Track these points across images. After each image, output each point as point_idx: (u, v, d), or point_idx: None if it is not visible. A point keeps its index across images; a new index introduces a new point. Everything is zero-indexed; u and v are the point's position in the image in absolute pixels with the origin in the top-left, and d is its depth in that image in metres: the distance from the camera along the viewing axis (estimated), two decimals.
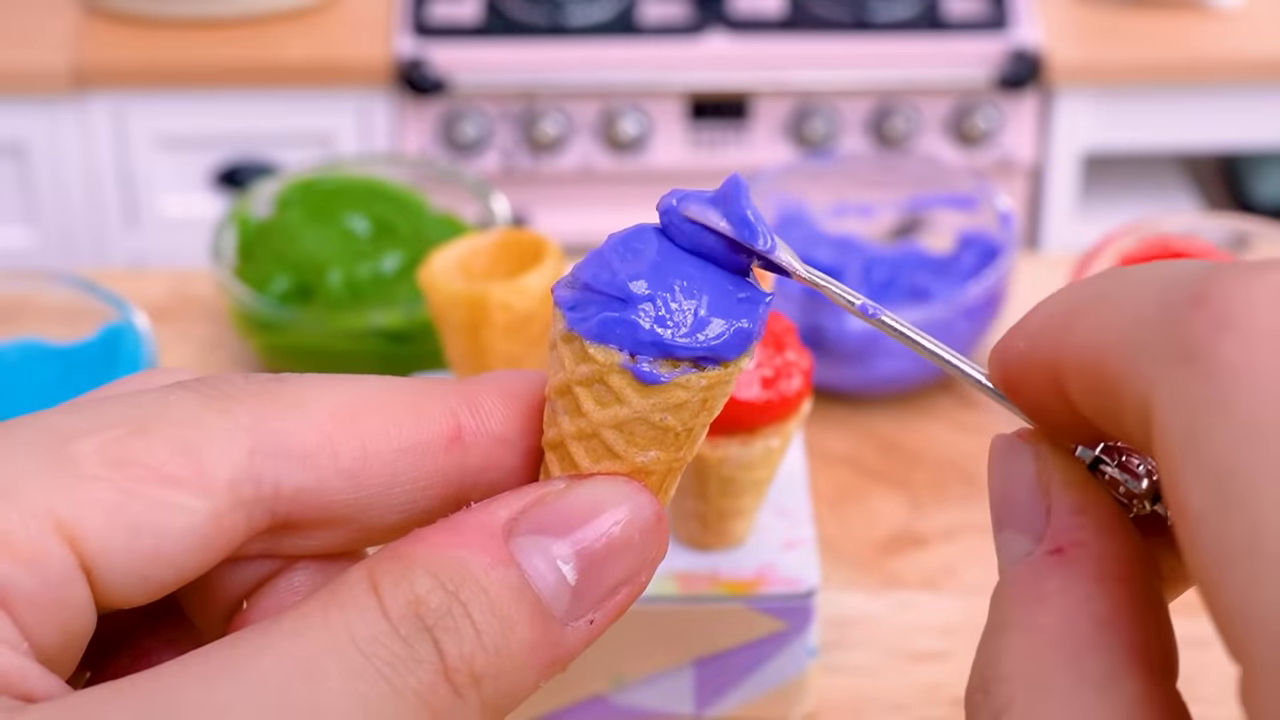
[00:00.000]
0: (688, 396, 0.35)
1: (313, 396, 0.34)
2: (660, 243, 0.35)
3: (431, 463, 0.35)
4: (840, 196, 1.05)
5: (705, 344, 0.34)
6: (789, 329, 0.67)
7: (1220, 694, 0.80)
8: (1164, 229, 0.98)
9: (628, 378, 0.34)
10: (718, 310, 0.34)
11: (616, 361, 0.34)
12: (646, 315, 0.34)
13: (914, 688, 0.80)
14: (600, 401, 0.35)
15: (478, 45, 1.76)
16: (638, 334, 0.34)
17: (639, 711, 0.73)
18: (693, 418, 0.35)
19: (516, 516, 0.33)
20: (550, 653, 0.33)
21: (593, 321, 0.34)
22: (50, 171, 1.76)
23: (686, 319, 0.34)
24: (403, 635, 0.31)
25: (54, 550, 0.31)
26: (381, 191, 1.04)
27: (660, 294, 0.34)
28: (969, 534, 0.89)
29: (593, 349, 0.34)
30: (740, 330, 0.34)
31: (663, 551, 0.35)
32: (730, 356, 0.35)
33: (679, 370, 0.34)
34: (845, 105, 1.78)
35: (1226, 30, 1.77)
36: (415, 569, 0.32)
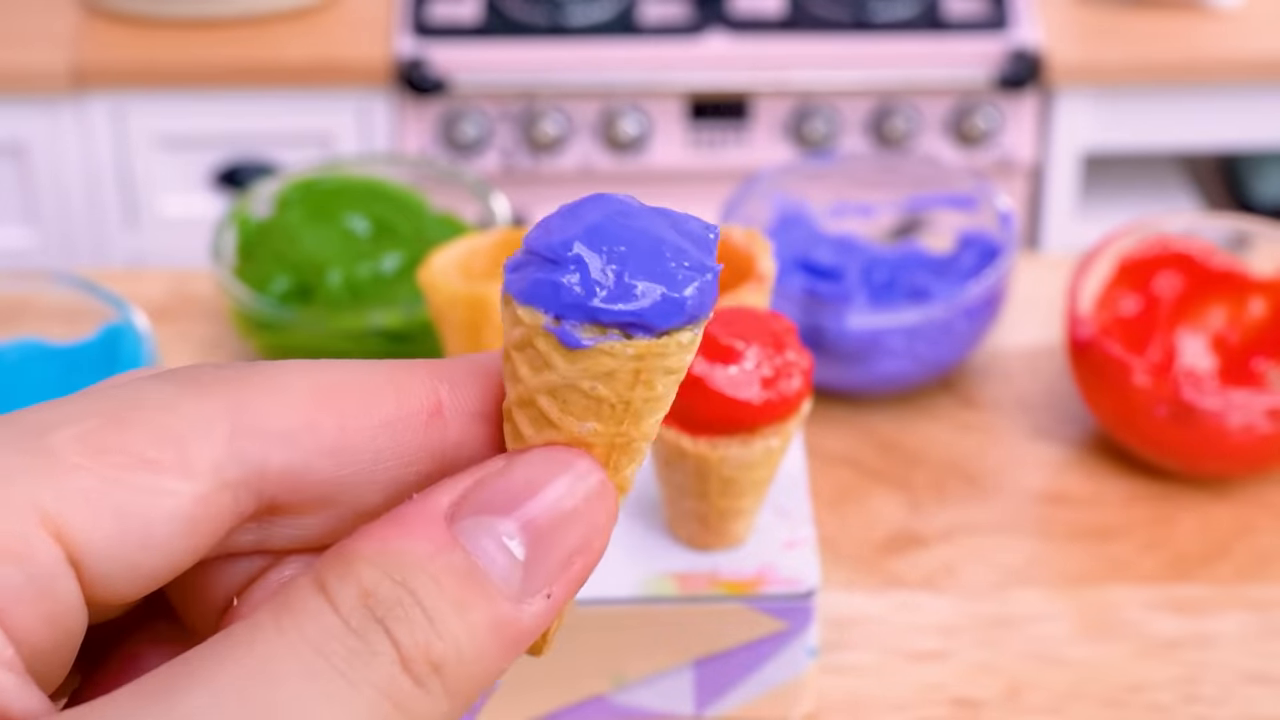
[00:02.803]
0: (615, 365, 0.33)
1: (290, 378, 0.34)
2: (609, 208, 0.34)
3: (413, 438, 0.34)
4: (840, 196, 1.05)
5: (631, 310, 0.33)
6: (789, 329, 0.67)
7: (1220, 694, 0.80)
8: (1164, 229, 0.98)
9: (552, 341, 0.33)
10: (651, 276, 0.33)
11: (540, 324, 0.33)
12: (572, 277, 0.33)
13: (914, 688, 0.80)
14: (533, 366, 0.34)
15: (478, 45, 1.76)
16: (561, 295, 0.33)
17: (639, 711, 0.73)
18: (627, 389, 0.34)
19: (458, 500, 0.33)
20: (509, 631, 0.32)
21: (525, 283, 0.34)
22: (50, 171, 1.76)
23: (613, 283, 0.33)
24: (355, 629, 0.31)
25: (39, 544, 0.31)
26: (381, 191, 1.04)
27: (591, 256, 0.33)
28: (969, 534, 0.89)
29: (521, 310, 0.34)
30: (671, 299, 0.33)
31: (612, 518, 0.34)
32: (660, 325, 0.33)
33: (604, 336, 0.33)
34: (845, 105, 1.78)
35: (1226, 30, 1.77)
36: (360, 563, 0.32)
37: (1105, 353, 0.90)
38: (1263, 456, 0.89)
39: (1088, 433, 0.95)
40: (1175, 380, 0.88)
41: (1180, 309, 0.96)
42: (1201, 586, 0.85)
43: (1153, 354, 0.94)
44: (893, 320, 0.93)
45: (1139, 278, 0.96)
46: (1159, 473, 0.92)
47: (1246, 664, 0.81)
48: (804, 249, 1.00)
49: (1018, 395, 0.98)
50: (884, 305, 0.97)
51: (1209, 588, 0.85)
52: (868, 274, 0.99)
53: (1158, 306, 0.95)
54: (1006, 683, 0.80)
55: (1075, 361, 0.92)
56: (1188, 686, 0.80)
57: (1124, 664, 0.81)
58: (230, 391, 0.33)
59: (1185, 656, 0.82)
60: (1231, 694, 0.80)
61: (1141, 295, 0.96)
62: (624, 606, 0.71)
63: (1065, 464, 0.93)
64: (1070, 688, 0.80)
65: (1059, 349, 1.00)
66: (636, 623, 0.71)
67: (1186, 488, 0.91)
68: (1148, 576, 0.86)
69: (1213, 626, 0.83)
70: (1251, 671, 0.81)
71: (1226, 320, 0.96)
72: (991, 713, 0.79)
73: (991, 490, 0.92)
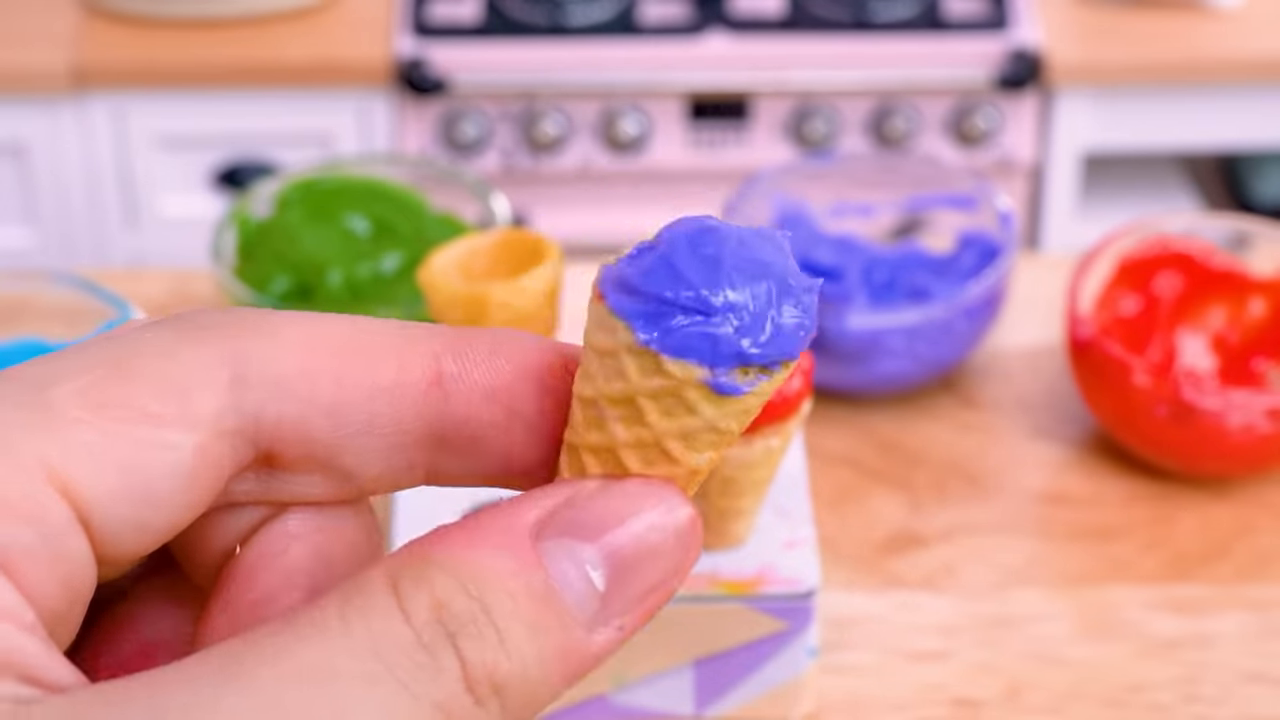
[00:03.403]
0: (758, 402, 0.33)
1: (289, 328, 0.33)
2: (727, 242, 0.33)
3: (410, 406, 0.33)
4: (840, 196, 1.05)
5: (780, 349, 0.33)
6: None
7: (1220, 694, 0.80)
8: (1164, 229, 0.98)
9: (704, 391, 0.33)
10: (786, 309, 0.33)
11: (695, 376, 0.33)
12: (728, 327, 0.32)
13: (914, 688, 0.80)
14: (669, 413, 0.33)
15: (478, 45, 1.76)
16: (719, 347, 0.32)
17: (639, 711, 0.73)
18: (750, 417, 0.34)
19: (545, 518, 0.32)
20: (575, 660, 0.32)
21: (673, 336, 0.33)
22: (50, 171, 1.76)
23: (765, 326, 0.33)
24: (425, 643, 0.30)
25: (49, 502, 0.30)
26: (381, 191, 1.04)
27: (737, 302, 0.32)
28: (969, 534, 0.89)
29: (670, 365, 0.33)
30: (805, 326, 0.33)
31: (696, 556, 0.34)
32: (797, 356, 0.33)
33: (752, 378, 0.33)
34: (845, 105, 1.78)
35: (1226, 30, 1.77)
36: (437, 571, 0.31)
37: (1105, 353, 0.90)
38: (1263, 456, 0.89)
39: (1088, 433, 0.95)
40: (1175, 380, 0.88)
41: (1180, 309, 0.96)
42: (1201, 586, 0.85)
43: (1153, 354, 0.94)
44: (893, 320, 0.93)
45: (1139, 278, 0.96)
46: (1159, 473, 0.92)
47: (1246, 664, 0.81)
48: (804, 249, 1.00)
49: (1018, 395, 0.98)
50: (884, 305, 0.97)
51: (1209, 588, 0.85)
52: (868, 274, 0.99)
53: (1158, 306, 0.95)
54: (1007, 683, 0.80)
55: (1075, 361, 0.92)
56: (1188, 686, 0.80)
57: (1124, 664, 0.81)
58: (229, 337, 0.32)
59: (1185, 656, 0.82)
60: (1231, 694, 0.80)
61: (1141, 295, 0.96)
62: None
63: (1065, 464, 0.93)
64: (1070, 688, 0.80)
65: (1059, 349, 1.00)
66: None
67: (1186, 488, 0.91)
68: (1148, 576, 0.86)
69: (1213, 626, 0.83)
70: (1251, 671, 0.81)
71: (1226, 320, 0.96)
72: (992, 713, 0.79)
73: (991, 490, 0.92)
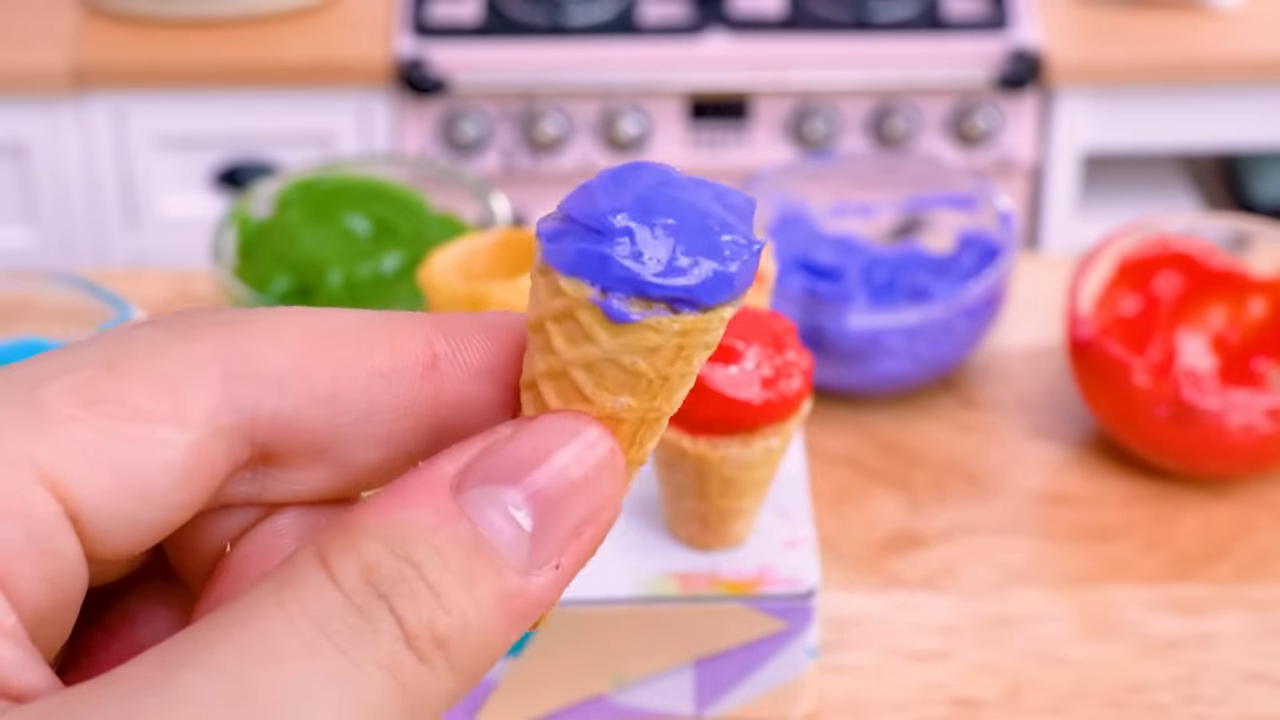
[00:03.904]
0: (660, 340, 0.33)
1: (283, 323, 0.33)
2: (652, 178, 0.33)
3: (407, 390, 0.33)
4: (840, 196, 1.05)
5: (681, 285, 0.32)
6: (789, 329, 0.67)
7: (1220, 694, 0.80)
8: (1164, 229, 0.98)
9: (597, 314, 0.33)
10: (700, 251, 0.32)
11: (586, 296, 0.32)
12: (622, 249, 0.32)
13: (914, 688, 0.80)
14: (571, 338, 0.33)
15: (478, 45, 1.76)
16: (610, 268, 0.32)
17: (639, 711, 0.73)
18: (667, 365, 0.33)
19: (464, 469, 0.32)
20: (517, 604, 0.31)
21: (567, 253, 0.33)
22: (50, 171, 1.76)
23: (663, 257, 0.32)
24: (357, 606, 0.30)
25: (37, 498, 0.30)
26: (381, 191, 1.04)
27: (640, 229, 0.32)
28: (969, 534, 0.89)
29: (564, 282, 0.33)
30: (721, 274, 0.32)
31: (622, 487, 0.34)
32: (708, 301, 0.33)
33: (651, 311, 0.32)
34: (845, 105, 1.78)
35: (1226, 30, 1.77)
36: (362, 536, 0.31)
37: (1105, 353, 0.90)
38: (1263, 456, 0.89)
39: (1088, 433, 0.95)
40: (1175, 380, 0.88)
41: (1180, 309, 0.96)
42: (1201, 586, 0.85)
43: (1153, 354, 0.94)
44: (893, 320, 0.93)
45: (1139, 278, 0.96)
46: (1159, 473, 0.92)
47: (1246, 664, 0.81)
48: (804, 249, 1.00)
49: (1018, 395, 0.98)
50: (884, 305, 0.97)
51: (1209, 588, 0.85)
52: (868, 274, 0.99)
53: (1158, 306, 0.95)
54: (1007, 683, 0.80)
55: (1075, 361, 0.92)
56: (1188, 686, 0.80)
57: (1124, 664, 0.81)
58: (221, 335, 0.32)
59: (1185, 656, 0.82)
60: (1231, 694, 0.80)
61: (1141, 295, 0.96)
62: (624, 606, 0.71)
63: (1065, 464, 0.93)
64: (1070, 688, 0.80)
65: (1059, 349, 1.00)
66: (636, 623, 0.71)
67: (1186, 488, 0.91)
68: (1148, 576, 0.86)
69: (1213, 626, 0.83)
70: (1251, 671, 0.81)
71: (1226, 320, 0.96)
72: (992, 713, 0.79)
73: (991, 490, 0.92)
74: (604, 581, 0.71)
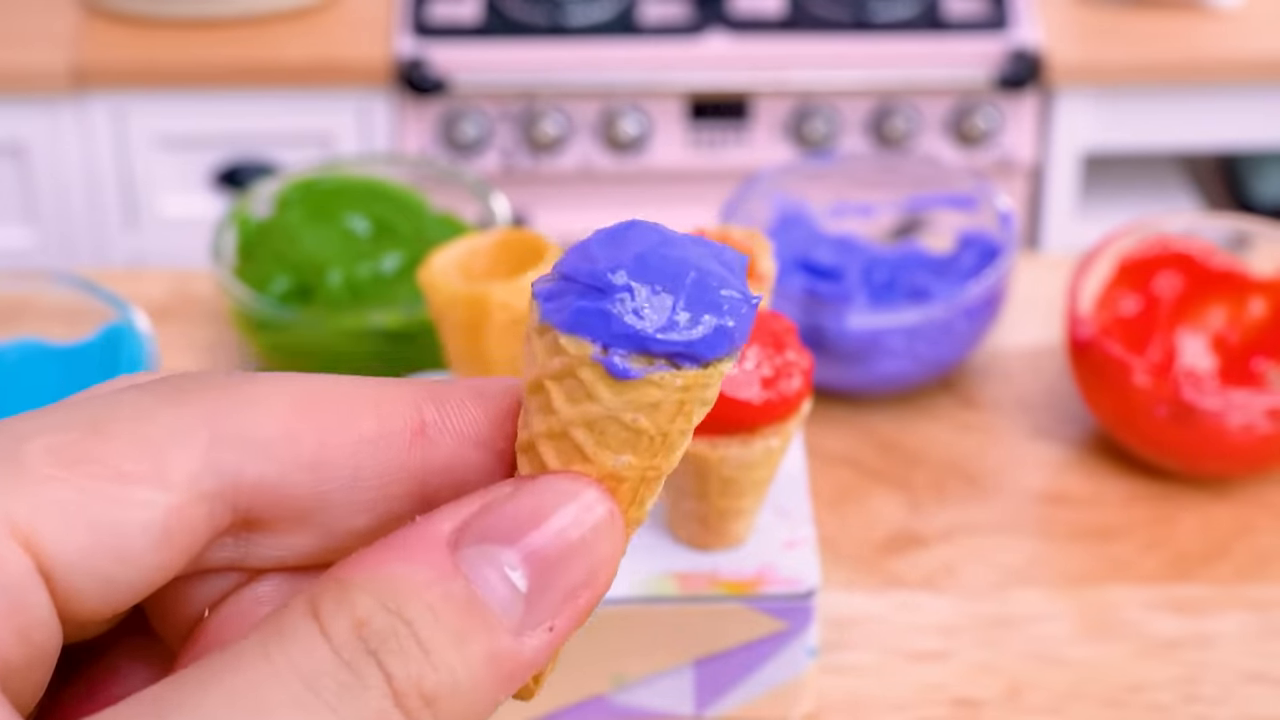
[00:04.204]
0: (662, 396, 0.33)
1: (271, 389, 0.33)
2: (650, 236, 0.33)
3: (394, 457, 0.33)
4: (840, 196, 1.05)
5: (683, 340, 0.33)
6: (789, 329, 0.67)
7: (1220, 694, 0.80)
8: (1164, 229, 0.98)
9: (599, 372, 0.33)
10: (700, 306, 0.33)
11: (588, 354, 0.33)
12: (623, 306, 0.32)
13: (914, 688, 0.80)
14: (571, 397, 0.33)
15: (478, 45, 1.76)
16: (611, 325, 0.32)
17: (639, 711, 0.73)
18: (668, 421, 0.33)
19: (461, 526, 0.32)
20: (507, 665, 0.31)
21: (567, 311, 0.33)
22: (50, 171, 1.76)
23: (665, 313, 0.33)
24: (347, 662, 0.30)
25: (8, 554, 0.30)
26: (381, 191, 1.04)
27: (640, 286, 0.33)
28: (969, 534, 0.89)
29: (565, 340, 0.33)
30: (722, 329, 0.33)
31: (620, 550, 0.33)
32: (709, 356, 0.33)
33: (654, 367, 0.33)
34: (845, 105, 1.78)
35: (1226, 30, 1.77)
36: (355, 590, 0.30)
37: (1105, 353, 0.90)
38: (1263, 456, 0.89)
39: (1088, 433, 0.95)
40: (1175, 380, 0.88)
41: (1180, 309, 0.96)
42: (1201, 586, 0.85)
43: (1153, 354, 0.94)
44: (893, 320, 0.93)
45: (1139, 278, 0.96)
46: (1159, 473, 0.92)
47: (1246, 664, 0.81)
48: (804, 249, 1.00)
49: (1018, 395, 0.98)
50: (884, 305, 0.97)
51: (1209, 588, 0.85)
52: (868, 274, 0.99)
53: (1158, 306, 0.95)
54: (1007, 683, 0.80)
55: (1075, 361, 0.92)
56: (1188, 686, 0.80)
57: (1124, 664, 0.81)
58: (208, 400, 0.32)
59: (1185, 656, 0.82)
60: (1231, 694, 0.80)
61: (1141, 295, 0.96)
62: (624, 606, 0.71)
63: (1065, 464, 0.93)
64: (1070, 688, 0.80)
65: (1059, 349, 1.00)
66: (636, 623, 0.71)
67: (1186, 488, 0.91)
68: (1148, 576, 0.86)
69: (1213, 626, 0.83)
70: (1251, 671, 0.81)
71: (1226, 320, 0.96)
72: (992, 713, 0.79)
73: (991, 490, 0.92)
74: None
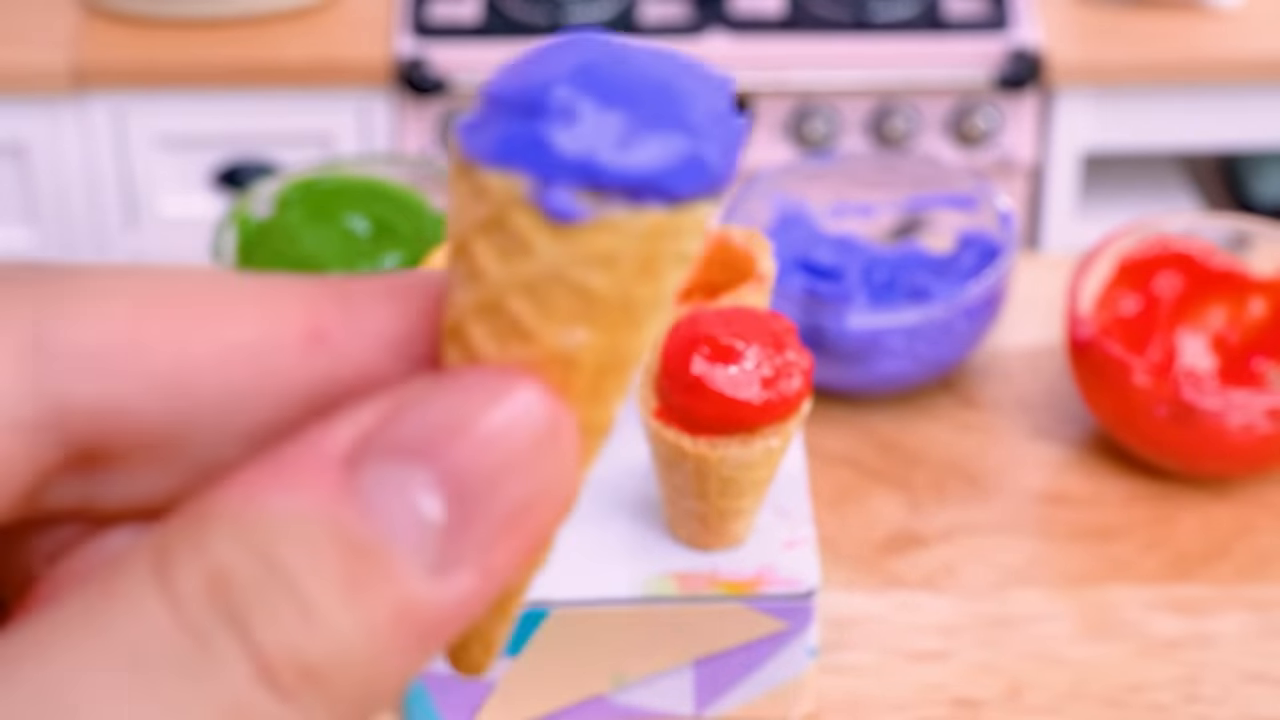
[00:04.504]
0: (619, 245, 0.25)
1: (110, 286, 0.26)
2: (598, 47, 0.26)
3: (280, 369, 0.26)
4: (840, 196, 1.05)
5: (643, 169, 0.25)
6: (789, 329, 0.67)
7: (1220, 694, 0.80)
8: (1164, 229, 0.98)
9: (535, 215, 0.25)
10: (666, 126, 0.25)
11: (520, 192, 0.25)
12: (562, 125, 0.25)
13: (914, 688, 0.80)
14: (503, 253, 0.25)
15: (478, 45, 1.76)
16: (547, 150, 0.25)
17: (639, 711, 0.73)
18: (632, 281, 0.25)
19: (360, 439, 0.24)
20: (420, 621, 0.24)
21: (493, 141, 0.25)
22: (50, 171, 1.76)
23: (618, 133, 0.25)
24: (194, 630, 0.23)
25: None
26: (381, 191, 1.04)
27: (585, 100, 0.25)
28: (969, 534, 0.89)
29: (490, 177, 0.25)
30: (695, 155, 0.25)
31: (571, 460, 0.26)
32: (681, 191, 0.25)
33: (607, 206, 0.25)
34: (845, 105, 1.78)
35: (1226, 30, 1.77)
36: (213, 531, 0.23)
37: (1105, 353, 0.90)
38: (1263, 456, 0.89)
39: (1088, 433, 0.95)
40: (1175, 380, 0.88)
41: (1180, 309, 0.96)
42: (1201, 586, 0.85)
43: (1153, 354, 0.94)
44: (893, 320, 0.93)
45: (1139, 278, 0.96)
46: (1159, 473, 0.92)
47: (1246, 664, 0.81)
48: (804, 249, 1.00)
49: (1018, 395, 0.98)
50: (884, 305, 0.97)
51: (1209, 588, 0.85)
52: (868, 274, 0.99)
53: (1158, 306, 0.95)
54: (1007, 683, 0.80)
55: (1075, 361, 0.92)
56: (1188, 686, 0.80)
57: (1124, 664, 0.81)
58: (26, 300, 0.25)
59: (1185, 656, 0.82)
60: (1231, 694, 0.80)
61: (1141, 295, 0.96)
62: (624, 606, 0.71)
63: (1065, 464, 0.93)
64: (1071, 688, 0.80)
65: (1059, 349, 1.00)
66: (636, 623, 0.71)
67: (1186, 488, 0.91)
68: (1148, 576, 0.86)
69: (1213, 626, 0.83)
70: (1251, 671, 0.81)
71: (1226, 320, 0.96)
72: (992, 713, 0.79)
73: (991, 490, 0.92)
74: (604, 581, 0.71)
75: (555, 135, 0.25)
